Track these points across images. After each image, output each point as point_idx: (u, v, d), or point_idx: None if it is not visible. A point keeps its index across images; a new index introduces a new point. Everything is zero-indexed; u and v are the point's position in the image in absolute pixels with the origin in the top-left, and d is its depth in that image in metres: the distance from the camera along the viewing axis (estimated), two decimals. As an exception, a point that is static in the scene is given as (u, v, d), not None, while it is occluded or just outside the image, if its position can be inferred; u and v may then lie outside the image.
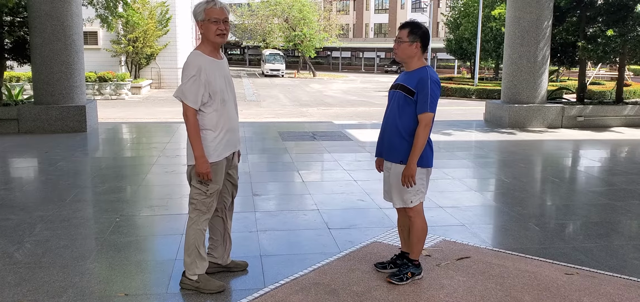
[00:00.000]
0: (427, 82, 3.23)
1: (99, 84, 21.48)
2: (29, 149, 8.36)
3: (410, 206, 3.38)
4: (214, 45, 3.26)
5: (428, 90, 3.22)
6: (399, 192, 3.37)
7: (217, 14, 3.19)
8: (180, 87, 3.18)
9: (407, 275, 3.47)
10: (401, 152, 3.32)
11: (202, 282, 3.36)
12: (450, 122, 12.64)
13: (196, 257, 3.34)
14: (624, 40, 11.17)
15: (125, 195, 5.78)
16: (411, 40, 3.28)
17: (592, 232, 4.64)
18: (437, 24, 62.14)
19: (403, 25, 3.34)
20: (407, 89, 3.28)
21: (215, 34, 3.20)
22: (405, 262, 3.54)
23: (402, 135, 3.30)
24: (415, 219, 3.41)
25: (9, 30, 10.62)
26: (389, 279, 3.47)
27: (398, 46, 3.32)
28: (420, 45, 3.30)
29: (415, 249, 3.49)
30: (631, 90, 22.21)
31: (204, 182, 3.25)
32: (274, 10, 43.13)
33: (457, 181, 6.50)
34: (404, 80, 3.34)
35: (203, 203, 3.30)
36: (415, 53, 3.30)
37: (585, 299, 3.31)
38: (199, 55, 3.21)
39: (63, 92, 9.94)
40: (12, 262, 3.82)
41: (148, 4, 24.94)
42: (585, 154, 8.67)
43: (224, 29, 3.22)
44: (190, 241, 3.33)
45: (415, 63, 3.33)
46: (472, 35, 30.47)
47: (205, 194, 3.28)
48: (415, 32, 3.28)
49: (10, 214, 4.97)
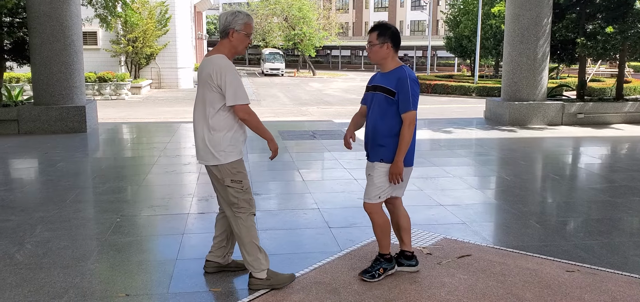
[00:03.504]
0: (407, 81, 3.24)
1: (98, 84, 21.47)
2: (29, 149, 8.36)
3: (375, 202, 3.39)
4: (234, 55, 3.35)
5: (408, 88, 3.23)
6: (373, 188, 3.39)
7: (252, 30, 3.34)
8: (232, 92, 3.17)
9: (379, 271, 3.48)
10: (383, 152, 3.34)
11: (273, 278, 3.37)
12: (450, 120, 12.64)
13: (257, 252, 3.36)
14: (623, 37, 11.15)
15: (126, 195, 5.78)
16: (381, 42, 3.28)
17: (593, 229, 4.64)
18: (436, 22, 62.12)
19: (372, 29, 3.35)
20: (387, 89, 3.28)
21: (244, 47, 3.33)
22: (377, 258, 3.54)
23: (387, 136, 3.31)
24: (373, 215, 3.43)
25: (9, 31, 10.62)
26: (361, 277, 3.47)
27: (370, 50, 3.34)
28: (391, 46, 3.30)
29: (383, 243, 3.51)
30: (631, 87, 22.19)
31: (238, 179, 3.30)
32: (274, 9, 43.09)
33: (457, 178, 6.50)
34: (382, 82, 3.34)
35: (244, 200, 3.34)
36: (387, 54, 3.31)
37: (586, 296, 3.31)
38: (228, 60, 3.28)
39: (63, 93, 9.94)
40: (13, 263, 3.82)
41: (147, 4, 24.91)
42: (585, 151, 8.67)
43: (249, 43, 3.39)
44: (246, 240, 3.34)
45: (390, 64, 3.34)
46: (471, 33, 30.47)
47: (242, 189, 3.32)
48: (384, 33, 3.29)
49: (11, 215, 4.97)
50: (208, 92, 3.22)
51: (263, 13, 44.12)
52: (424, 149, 8.67)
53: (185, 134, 10.22)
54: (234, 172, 3.30)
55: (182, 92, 24.54)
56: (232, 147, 3.29)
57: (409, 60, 57.37)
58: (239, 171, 3.33)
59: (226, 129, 3.26)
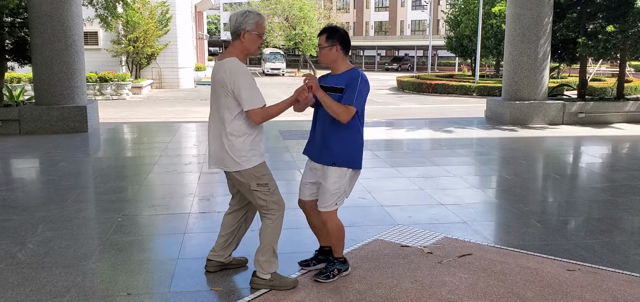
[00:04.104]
0: (357, 81, 3.24)
1: (99, 84, 21.48)
2: (31, 149, 8.37)
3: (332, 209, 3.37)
4: (247, 56, 3.32)
5: (357, 87, 3.23)
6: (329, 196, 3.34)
7: (263, 28, 3.30)
8: (246, 96, 3.13)
9: (334, 272, 3.49)
10: (334, 155, 3.31)
11: (276, 280, 3.37)
12: (451, 120, 12.64)
13: (271, 255, 3.35)
14: (624, 36, 11.15)
15: (127, 195, 5.78)
16: (330, 44, 3.28)
17: (594, 228, 4.64)
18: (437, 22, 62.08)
19: (321, 32, 3.35)
20: (337, 89, 3.27)
21: (256, 48, 3.29)
22: (331, 259, 3.55)
23: (337, 137, 3.29)
24: (329, 223, 3.42)
25: (10, 31, 10.63)
26: (316, 278, 3.47)
27: (320, 53, 3.34)
28: (340, 48, 3.29)
29: (337, 248, 3.52)
30: (632, 87, 22.17)
31: (263, 182, 3.28)
32: (274, 9, 43.10)
33: (458, 178, 6.50)
34: (333, 82, 3.32)
35: (272, 202, 3.32)
36: (337, 56, 3.30)
37: (587, 295, 3.31)
38: (242, 63, 3.24)
39: (64, 93, 9.95)
40: (15, 262, 3.83)
41: (148, 4, 24.92)
42: (586, 151, 8.67)
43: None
44: (267, 240, 3.34)
45: (341, 66, 3.33)
46: (472, 33, 30.46)
47: (269, 192, 3.30)
48: (332, 36, 3.29)
49: (13, 214, 4.98)
50: (222, 98, 3.19)
51: (264, 13, 43.87)
52: (425, 149, 8.68)
53: (186, 133, 10.23)
54: (259, 176, 3.27)
55: (183, 92, 24.55)
56: (253, 151, 3.26)
57: (410, 60, 57.41)
58: (264, 173, 3.31)
59: (246, 133, 3.23)
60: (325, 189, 3.34)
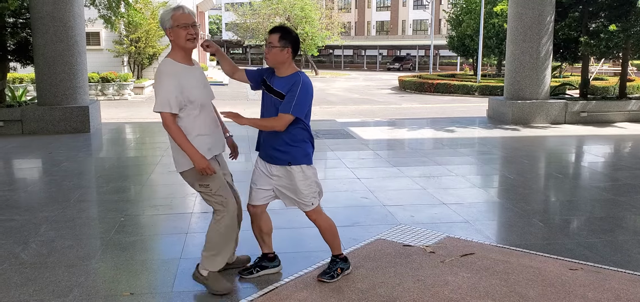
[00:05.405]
0: (298, 87, 3.20)
1: (101, 84, 21.52)
2: (33, 150, 8.39)
3: (311, 209, 3.37)
4: (185, 51, 3.22)
5: (296, 94, 3.18)
6: (303, 196, 3.33)
7: (185, 19, 3.15)
8: (158, 98, 3.09)
9: (337, 271, 3.48)
10: (288, 155, 3.28)
11: (211, 279, 3.36)
12: (453, 119, 12.63)
13: (213, 255, 3.34)
14: (626, 35, 11.13)
15: (130, 195, 5.80)
16: (282, 45, 3.22)
17: (596, 227, 4.64)
18: (439, 21, 62.06)
19: (273, 30, 3.27)
20: (281, 94, 3.24)
21: (185, 40, 3.15)
22: (333, 259, 3.53)
23: (286, 140, 3.26)
24: (318, 221, 3.41)
25: (12, 32, 10.66)
26: (319, 278, 3.46)
27: (268, 52, 3.24)
28: (291, 51, 3.25)
29: (335, 244, 3.51)
30: (634, 86, 22.15)
31: (205, 183, 3.24)
32: (276, 9, 43.12)
33: (460, 177, 6.50)
34: (277, 86, 3.28)
35: (215, 203, 3.30)
36: (286, 58, 3.25)
37: (589, 294, 3.31)
38: (172, 63, 3.17)
39: (66, 93, 9.97)
40: (18, 262, 3.84)
41: (150, 4, 24.97)
42: (588, 150, 8.65)
43: (194, 33, 3.18)
44: (210, 238, 3.34)
45: (286, 69, 3.28)
46: (474, 32, 30.43)
47: (211, 193, 3.27)
48: (286, 37, 3.22)
49: (16, 214, 4.99)
50: None
51: (265, 13, 44.15)
52: (427, 148, 8.67)
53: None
54: (200, 177, 3.22)
55: (184, 92, 24.54)
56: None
57: (412, 60, 57.38)
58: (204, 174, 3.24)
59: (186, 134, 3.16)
60: (297, 191, 3.33)
